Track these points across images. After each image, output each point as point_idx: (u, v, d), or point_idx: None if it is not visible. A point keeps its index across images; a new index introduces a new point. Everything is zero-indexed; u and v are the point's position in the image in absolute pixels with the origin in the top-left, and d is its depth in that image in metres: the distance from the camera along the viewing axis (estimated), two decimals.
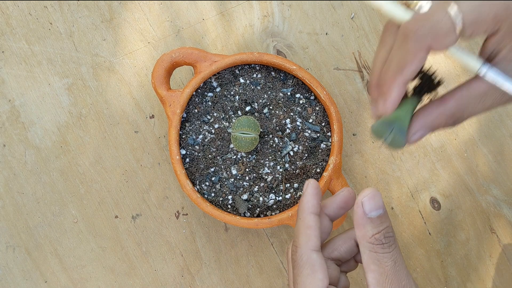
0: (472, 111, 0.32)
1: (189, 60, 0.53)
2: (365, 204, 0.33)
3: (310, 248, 0.34)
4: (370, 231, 0.33)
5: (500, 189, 0.62)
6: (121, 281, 0.59)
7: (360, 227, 0.33)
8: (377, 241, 0.33)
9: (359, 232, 0.33)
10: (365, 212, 0.33)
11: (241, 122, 0.52)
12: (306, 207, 0.36)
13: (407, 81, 0.30)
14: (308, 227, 0.35)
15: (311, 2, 0.62)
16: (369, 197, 0.33)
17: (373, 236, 0.33)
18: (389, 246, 0.33)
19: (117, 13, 0.60)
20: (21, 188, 0.59)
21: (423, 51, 0.29)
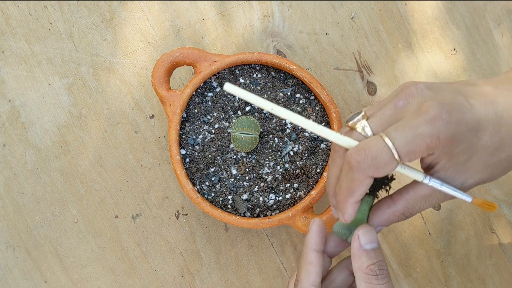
0: (419, 209, 0.37)
1: (189, 60, 0.53)
2: (360, 237, 0.37)
3: (310, 283, 0.37)
4: (366, 262, 0.36)
5: (500, 189, 0.62)
6: (121, 281, 0.59)
7: (356, 258, 0.37)
8: (372, 271, 0.36)
9: (355, 264, 0.37)
10: (361, 245, 0.37)
11: (241, 122, 0.52)
12: (309, 244, 0.39)
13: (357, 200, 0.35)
14: (309, 263, 0.38)
15: (311, 2, 0.62)
16: (364, 231, 0.37)
17: (368, 267, 0.36)
18: (382, 278, 0.36)
19: (117, 13, 0.60)
20: (21, 188, 0.59)
21: (366, 179, 0.33)
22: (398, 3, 0.62)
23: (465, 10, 0.63)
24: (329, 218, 0.52)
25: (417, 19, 0.62)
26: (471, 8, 0.63)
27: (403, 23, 0.62)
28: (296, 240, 0.60)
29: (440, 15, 0.63)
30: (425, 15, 0.63)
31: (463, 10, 0.63)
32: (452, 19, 0.63)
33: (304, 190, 0.54)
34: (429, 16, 0.63)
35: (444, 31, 0.62)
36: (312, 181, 0.54)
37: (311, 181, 0.54)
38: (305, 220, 0.52)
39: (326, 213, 0.52)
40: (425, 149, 0.31)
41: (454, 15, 0.63)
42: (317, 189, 0.52)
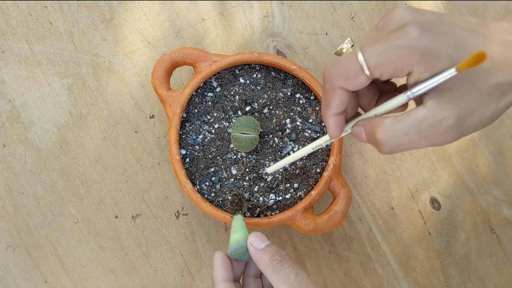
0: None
1: (189, 60, 0.53)
2: (253, 243, 0.41)
3: None
4: (267, 257, 0.40)
5: (500, 189, 0.62)
6: (121, 281, 0.59)
7: (259, 260, 0.40)
8: (275, 261, 0.39)
9: (260, 265, 0.40)
10: (256, 248, 0.41)
11: (241, 122, 0.52)
12: (215, 277, 0.42)
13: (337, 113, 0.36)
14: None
15: (311, 2, 0.62)
16: (253, 237, 0.41)
17: (270, 260, 0.39)
18: (286, 262, 0.39)
19: (117, 13, 0.60)
20: (21, 188, 0.59)
21: (337, 90, 0.34)
22: (398, 3, 0.62)
23: (465, 10, 0.63)
24: (328, 217, 0.52)
25: None
26: (471, 8, 0.63)
27: None
28: (296, 240, 0.60)
29: None
30: None
31: (463, 10, 0.63)
32: None
33: (304, 190, 0.54)
34: None
35: None
36: (312, 181, 0.54)
37: (311, 181, 0.54)
38: (305, 220, 0.52)
39: (326, 213, 0.52)
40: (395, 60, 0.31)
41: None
42: (317, 189, 0.52)
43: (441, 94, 0.32)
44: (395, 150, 0.34)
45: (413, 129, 0.32)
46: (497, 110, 0.33)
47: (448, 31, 0.31)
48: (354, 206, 0.61)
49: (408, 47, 0.30)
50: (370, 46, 0.32)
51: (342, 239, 0.61)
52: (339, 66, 0.33)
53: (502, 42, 0.32)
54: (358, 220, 0.61)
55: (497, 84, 0.32)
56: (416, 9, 0.33)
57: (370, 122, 0.35)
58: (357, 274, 0.60)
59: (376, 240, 0.61)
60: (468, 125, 0.33)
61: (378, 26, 0.34)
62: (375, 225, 0.61)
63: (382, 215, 0.61)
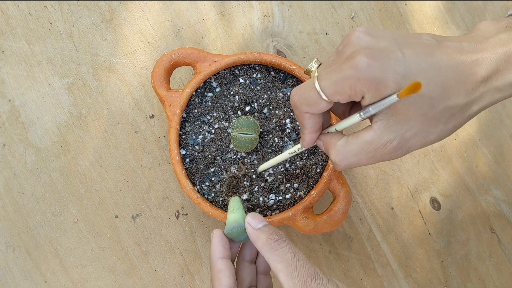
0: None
1: (188, 60, 0.53)
2: (250, 222, 0.42)
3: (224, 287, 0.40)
4: (264, 236, 0.40)
5: (500, 189, 0.62)
6: (121, 281, 0.59)
7: (256, 240, 0.41)
8: (272, 240, 0.40)
9: (257, 244, 0.40)
10: (253, 227, 0.42)
11: (240, 122, 0.52)
12: (214, 254, 0.42)
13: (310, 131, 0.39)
14: (219, 271, 0.41)
15: (311, 2, 0.62)
16: (251, 217, 0.42)
17: (267, 238, 0.40)
18: (283, 241, 0.40)
19: (117, 13, 0.60)
20: (21, 188, 0.59)
21: (305, 115, 0.37)
22: (398, 3, 0.62)
23: (465, 10, 0.63)
24: (328, 217, 0.52)
25: (417, 19, 0.62)
26: (471, 8, 0.63)
27: (403, 23, 0.62)
28: (296, 240, 0.60)
29: (440, 15, 0.63)
30: (425, 15, 0.63)
31: (463, 10, 0.63)
32: (452, 19, 0.63)
33: (304, 190, 0.54)
34: (429, 16, 0.63)
35: (444, 31, 0.62)
36: (312, 181, 0.54)
37: (311, 181, 0.54)
38: (305, 220, 0.52)
39: (326, 213, 0.52)
40: (348, 89, 0.33)
41: (454, 15, 0.63)
42: (317, 189, 0.52)
43: (388, 117, 0.34)
44: (348, 168, 0.38)
45: (361, 151, 0.36)
46: (445, 130, 0.36)
47: (400, 58, 0.33)
48: (354, 206, 0.61)
49: (358, 77, 0.32)
50: (326, 75, 0.35)
51: (342, 239, 0.61)
52: (301, 94, 0.36)
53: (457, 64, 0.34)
54: (358, 220, 0.61)
55: (446, 108, 0.34)
56: (372, 32, 0.35)
57: (327, 139, 0.39)
58: (357, 274, 0.60)
59: (376, 240, 0.61)
60: (413, 144, 0.35)
61: (338, 50, 0.36)
62: (375, 225, 0.61)
63: (382, 215, 0.61)
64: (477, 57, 0.34)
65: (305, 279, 0.37)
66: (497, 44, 0.35)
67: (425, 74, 0.33)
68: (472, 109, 0.35)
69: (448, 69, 0.33)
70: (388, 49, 0.33)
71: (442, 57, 0.34)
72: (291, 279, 0.37)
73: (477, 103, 0.35)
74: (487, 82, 0.35)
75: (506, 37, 0.35)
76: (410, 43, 0.34)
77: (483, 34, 0.36)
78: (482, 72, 0.34)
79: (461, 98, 0.34)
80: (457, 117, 0.35)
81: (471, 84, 0.34)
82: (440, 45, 0.34)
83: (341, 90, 0.34)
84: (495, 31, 0.36)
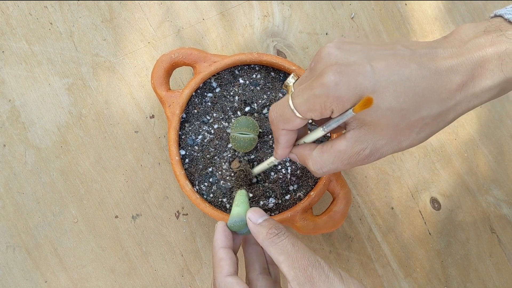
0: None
1: (188, 61, 0.53)
2: (251, 217, 0.43)
3: (225, 275, 0.41)
4: (264, 231, 0.41)
5: (500, 189, 0.62)
6: (121, 281, 0.59)
7: (257, 235, 0.42)
8: (272, 234, 0.40)
9: (259, 239, 0.41)
10: (254, 222, 0.42)
11: (240, 123, 0.52)
12: (216, 244, 0.43)
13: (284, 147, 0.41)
14: (220, 259, 0.42)
15: (311, 2, 0.62)
16: (251, 212, 0.43)
17: (267, 233, 0.41)
18: (282, 234, 0.40)
19: (117, 13, 0.60)
20: (21, 188, 0.59)
21: (280, 131, 0.39)
22: (398, 3, 0.62)
23: (465, 10, 0.63)
24: (328, 218, 0.52)
25: (417, 19, 0.62)
26: (471, 8, 0.63)
27: (403, 23, 0.62)
28: None
29: (440, 15, 0.62)
30: (425, 15, 0.62)
31: (463, 10, 0.63)
32: (452, 19, 0.63)
33: (304, 191, 0.54)
34: (429, 16, 0.62)
35: (444, 31, 0.62)
36: (311, 182, 0.54)
37: (310, 182, 0.54)
38: (304, 221, 0.52)
39: (325, 214, 0.52)
40: (318, 106, 0.34)
41: (454, 15, 0.63)
42: (317, 190, 0.52)
43: (359, 127, 0.35)
44: (327, 174, 0.40)
45: (336, 159, 0.37)
46: (417, 139, 0.36)
47: (369, 72, 0.33)
48: (354, 206, 0.61)
49: (327, 95, 0.33)
50: (298, 93, 0.36)
51: (342, 239, 0.61)
52: (278, 112, 0.38)
53: (430, 73, 0.34)
54: (358, 220, 0.61)
55: (419, 119, 0.35)
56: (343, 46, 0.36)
57: (300, 151, 0.40)
58: (357, 274, 0.60)
59: (376, 240, 0.61)
60: (385, 151, 0.36)
61: (310, 67, 0.37)
62: (375, 225, 0.61)
63: (382, 215, 0.61)
64: (452, 63, 0.34)
65: (306, 268, 0.38)
66: (474, 49, 0.34)
67: (395, 86, 0.33)
68: (448, 117, 0.35)
69: (420, 79, 0.33)
70: (357, 63, 0.33)
71: (414, 68, 0.33)
72: (292, 269, 0.38)
73: (453, 110, 0.35)
74: (463, 89, 0.34)
75: (483, 41, 0.34)
76: (381, 55, 0.34)
77: (461, 38, 0.36)
78: (457, 80, 0.34)
79: (435, 108, 0.34)
80: (431, 126, 0.35)
81: (445, 93, 0.34)
82: (413, 55, 0.34)
83: (313, 107, 0.35)
84: (473, 34, 0.36)
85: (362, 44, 0.36)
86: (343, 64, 0.34)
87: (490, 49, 0.34)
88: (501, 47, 0.34)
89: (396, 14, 0.62)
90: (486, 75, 0.34)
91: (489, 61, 0.34)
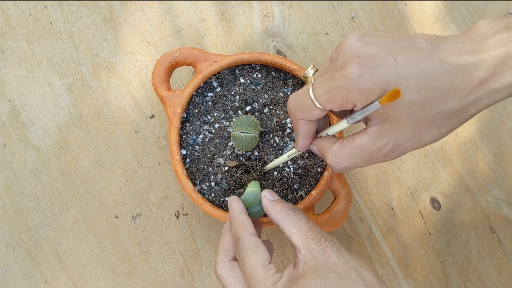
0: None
1: (189, 60, 0.53)
2: (267, 195, 0.44)
3: (249, 234, 0.41)
4: (280, 206, 0.42)
5: (500, 189, 0.62)
6: (121, 281, 0.59)
7: (271, 208, 0.42)
8: (288, 208, 0.42)
9: (272, 212, 0.42)
10: (269, 199, 0.43)
11: (241, 121, 0.52)
12: (236, 211, 0.44)
13: (303, 137, 0.41)
14: (243, 221, 0.42)
15: (311, 2, 0.62)
16: (266, 191, 0.44)
17: (283, 208, 0.42)
18: (297, 211, 0.41)
19: (117, 13, 0.60)
20: (21, 188, 0.59)
21: (300, 121, 0.39)
22: (398, 3, 0.62)
23: (465, 10, 0.63)
24: (329, 217, 0.52)
25: (417, 19, 0.63)
26: (471, 8, 0.63)
27: (403, 23, 0.62)
28: None
29: (440, 15, 0.63)
30: (425, 15, 0.63)
31: (463, 10, 0.63)
32: (452, 19, 0.63)
33: (305, 190, 0.54)
34: (429, 16, 0.63)
35: (444, 31, 0.62)
36: (313, 180, 0.54)
37: (312, 180, 0.54)
38: None
39: (326, 213, 0.52)
40: (340, 98, 0.34)
41: (454, 15, 0.63)
42: (318, 189, 0.52)
43: (381, 122, 0.35)
44: (344, 170, 0.39)
45: (356, 155, 0.37)
46: (439, 134, 0.36)
47: (391, 65, 0.33)
48: (354, 206, 0.61)
49: (349, 87, 0.33)
50: (319, 84, 0.35)
51: (342, 239, 0.61)
52: (297, 101, 0.38)
53: (451, 68, 0.34)
54: (358, 220, 0.61)
55: (440, 113, 0.34)
56: (364, 39, 0.35)
57: (321, 144, 0.40)
58: None
59: (376, 240, 0.61)
60: (407, 148, 0.36)
61: (331, 58, 0.37)
62: (375, 225, 0.61)
63: (382, 215, 0.61)
64: (473, 59, 0.34)
65: (319, 239, 0.38)
66: (495, 45, 0.34)
67: (416, 80, 0.33)
68: (469, 112, 0.35)
69: (441, 73, 0.33)
70: (379, 56, 0.33)
71: (435, 62, 0.34)
72: (305, 239, 0.38)
73: (473, 106, 0.35)
74: (484, 85, 0.34)
75: (505, 37, 0.35)
76: (403, 47, 0.34)
77: (481, 34, 0.36)
78: (478, 75, 0.34)
79: (455, 102, 0.34)
80: (453, 121, 0.35)
81: (467, 88, 0.34)
82: (434, 48, 0.34)
83: (333, 99, 0.34)
84: (493, 31, 0.36)
85: (382, 36, 0.36)
86: (366, 56, 0.34)
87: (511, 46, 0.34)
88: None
89: (396, 14, 0.62)
90: (508, 71, 0.34)
91: (510, 58, 0.34)
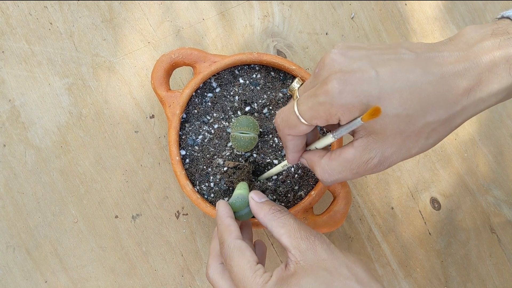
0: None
1: (188, 61, 0.53)
2: (254, 197, 0.44)
3: (234, 237, 0.41)
4: (267, 208, 0.42)
5: (500, 189, 0.62)
6: (121, 281, 0.59)
7: (259, 211, 0.42)
8: (275, 210, 0.41)
9: (260, 214, 0.42)
10: (256, 201, 0.43)
11: (240, 122, 0.52)
12: (222, 214, 0.44)
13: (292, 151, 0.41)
14: (229, 225, 0.42)
15: (311, 2, 0.62)
16: (254, 193, 0.44)
17: (270, 209, 0.42)
18: (284, 212, 0.41)
19: (117, 13, 0.60)
20: (21, 188, 0.59)
21: (287, 136, 0.39)
22: (398, 3, 0.62)
23: (465, 10, 0.63)
24: (328, 218, 0.52)
25: (417, 19, 0.62)
26: (471, 8, 0.63)
27: (403, 23, 0.62)
28: None
29: (440, 15, 0.63)
30: (425, 15, 0.62)
31: (463, 10, 0.63)
32: (452, 19, 0.63)
33: (304, 190, 0.54)
34: (429, 16, 0.62)
35: (444, 31, 0.62)
36: (312, 181, 0.54)
37: (311, 181, 0.54)
38: (305, 221, 0.52)
39: (326, 213, 0.52)
40: (323, 114, 0.34)
41: (454, 15, 0.63)
42: (317, 189, 0.52)
43: (367, 135, 0.35)
44: (334, 183, 0.39)
45: (345, 168, 0.37)
46: (426, 145, 0.36)
47: (373, 79, 0.33)
48: (354, 206, 0.61)
49: (331, 103, 0.33)
50: (303, 100, 0.36)
51: (342, 239, 0.61)
52: (283, 118, 0.38)
53: (435, 78, 0.33)
54: (358, 220, 0.61)
55: (426, 124, 0.34)
56: (346, 53, 0.35)
57: (310, 158, 0.40)
58: None
59: (376, 240, 0.61)
60: (395, 159, 0.36)
61: (315, 73, 0.37)
62: (375, 225, 0.61)
63: (382, 215, 0.61)
64: (458, 68, 0.33)
65: (308, 237, 0.38)
66: (481, 53, 0.34)
67: (400, 93, 0.33)
68: (455, 121, 0.35)
69: (425, 84, 0.33)
70: (361, 70, 0.33)
71: (419, 73, 0.33)
72: (294, 239, 0.38)
73: (460, 115, 0.35)
74: (470, 94, 0.34)
75: (491, 44, 0.34)
76: (386, 60, 0.34)
77: (467, 41, 0.35)
78: (464, 85, 0.33)
79: (441, 113, 0.34)
80: (439, 131, 0.35)
81: (452, 98, 0.33)
82: (418, 59, 0.34)
83: (317, 115, 0.34)
84: (479, 37, 0.35)
85: (365, 48, 0.35)
86: (347, 71, 0.33)
87: (498, 53, 0.33)
88: (510, 50, 0.33)
89: (396, 14, 0.62)
90: (494, 79, 0.34)
91: (496, 65, 0.33)
